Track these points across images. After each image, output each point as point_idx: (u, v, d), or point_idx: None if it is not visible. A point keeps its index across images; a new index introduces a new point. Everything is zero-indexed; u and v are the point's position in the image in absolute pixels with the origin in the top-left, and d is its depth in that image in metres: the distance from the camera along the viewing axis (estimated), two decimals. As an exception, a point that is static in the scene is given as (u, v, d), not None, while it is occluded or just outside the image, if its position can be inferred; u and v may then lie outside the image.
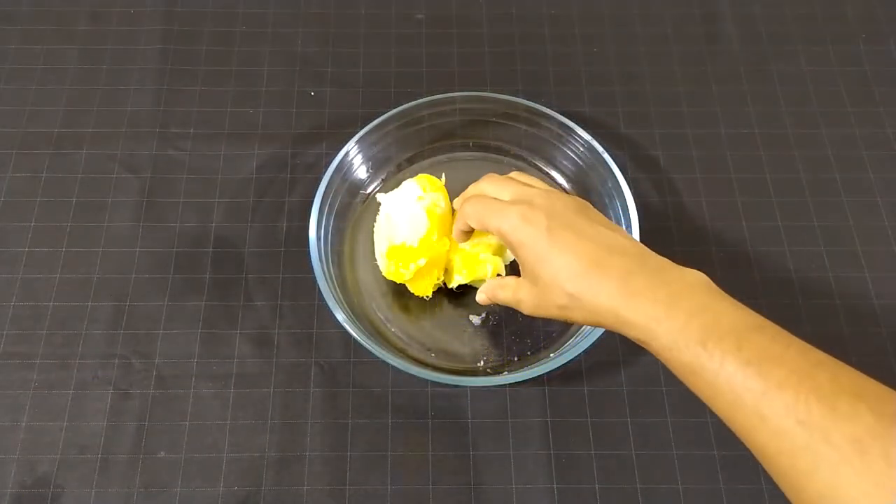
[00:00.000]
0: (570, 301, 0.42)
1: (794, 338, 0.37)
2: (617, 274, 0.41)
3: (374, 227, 0.56)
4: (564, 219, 0.44)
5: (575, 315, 0.43)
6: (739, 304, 0.39)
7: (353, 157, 0.58)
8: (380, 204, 0.55)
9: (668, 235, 0.59)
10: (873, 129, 0.64)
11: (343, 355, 0.54)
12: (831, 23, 0.70)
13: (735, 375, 0.35)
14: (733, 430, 0.37)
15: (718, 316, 0.38)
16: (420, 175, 0.55)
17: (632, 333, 0.41)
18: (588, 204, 0.48)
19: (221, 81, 0.66)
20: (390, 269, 0.53)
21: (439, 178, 0.56)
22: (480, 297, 0.51)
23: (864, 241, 0.59)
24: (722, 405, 0.37)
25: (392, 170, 0.61)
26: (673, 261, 0.42)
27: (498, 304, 0.51)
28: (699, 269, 0.41)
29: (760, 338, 0.36)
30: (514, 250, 0.46)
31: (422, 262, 0.52)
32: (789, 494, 0.35)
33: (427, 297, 0.55)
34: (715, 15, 0.71)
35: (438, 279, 0.54)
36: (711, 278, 0.41)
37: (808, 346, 0.37)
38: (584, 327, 0.52)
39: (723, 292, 0.40)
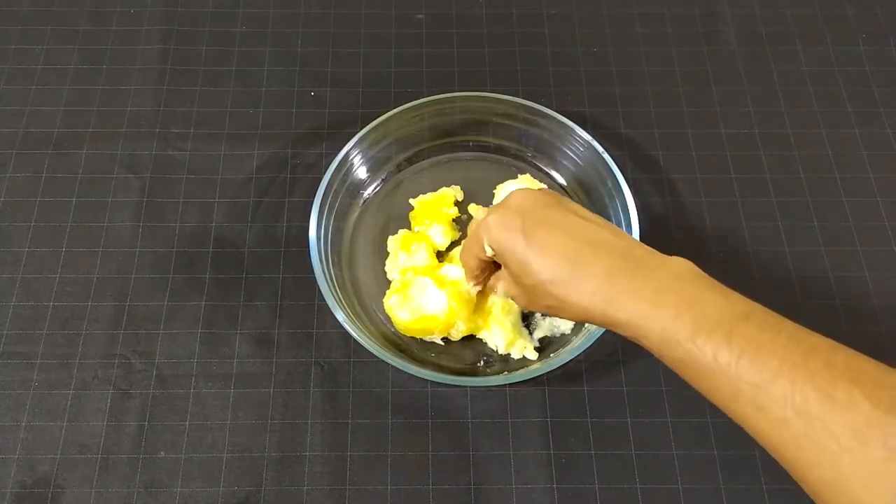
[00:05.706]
0: (556, 302, 0.42)
1: (783, 321, 0.37)
2: (599, 272, 0.40)
3: (390, 238, 0.56)
4: (538, 215, 0.43)
5: (565, 314, 0.43)
6: (726, 290, 0.39)
7: (354, 157, 0.58)
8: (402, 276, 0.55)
9: (668, 235, 0.59)
10: (873, 129, 0.64)
11: (343, 355, 0.54)
12: (831, 23, 0.70)
13: (729, 368, 0.35)
14: (735, 420, 0.37)
15: (706, 307, 0.37)
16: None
17: (622, 332, 0.40)
18: (559, 196, 0.47)
19: (221, 81, 0.66)
20: (404, 320, 0.53)
21: (441, 179, 0.55)
22: (494, 283, 0.51)
23: (864, 241, 0.59)
24: (720, 397, 0.37)
25: (392, 170, 0.61)
26: None
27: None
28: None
29: (749, 327, 0.36)
30: (499, 258, 0.46)
31: (436, 337, 0.53)
32: (798, 480, 0.35)
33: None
34: (715, 15, 0.71)
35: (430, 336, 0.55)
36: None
37: (798, 328, 0.36)
38: (584, 327, 0.52)
39: (709, 278, 0.40)
